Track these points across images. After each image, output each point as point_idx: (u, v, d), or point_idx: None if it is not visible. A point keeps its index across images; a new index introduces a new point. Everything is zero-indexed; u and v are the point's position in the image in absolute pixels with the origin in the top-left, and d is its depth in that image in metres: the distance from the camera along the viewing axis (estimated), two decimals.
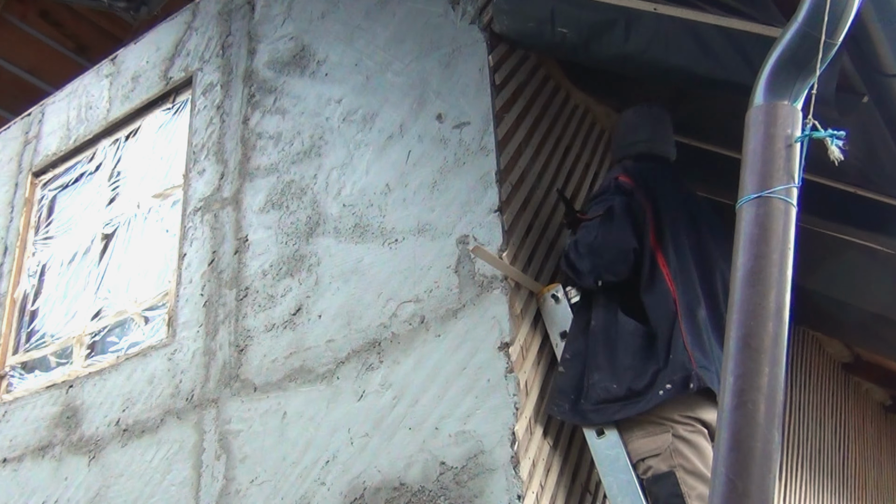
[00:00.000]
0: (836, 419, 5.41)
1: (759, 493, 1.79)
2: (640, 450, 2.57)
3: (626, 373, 2.59)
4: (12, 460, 4.13)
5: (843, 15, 1.95)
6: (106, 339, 4.22)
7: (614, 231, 2.73)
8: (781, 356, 1.87)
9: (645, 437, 2.57)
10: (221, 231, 3.80)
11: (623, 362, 2.62)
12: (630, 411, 2.56)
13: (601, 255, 2.71)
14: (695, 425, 2.56)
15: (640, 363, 2.60)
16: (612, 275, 2.71)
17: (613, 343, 2.66)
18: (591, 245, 2.72)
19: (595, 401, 2.61)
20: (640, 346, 2.64)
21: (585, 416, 2.62)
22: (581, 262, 2.74)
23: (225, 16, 4.36)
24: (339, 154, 3.47)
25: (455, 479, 2.63)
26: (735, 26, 2.56)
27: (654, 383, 2.55)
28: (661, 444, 2.54)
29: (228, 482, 3.24)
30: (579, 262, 2.75)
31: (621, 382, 2.59)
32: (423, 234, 3.05)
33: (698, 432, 2.56)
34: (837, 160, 1.96)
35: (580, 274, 2.76)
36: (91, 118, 4.88)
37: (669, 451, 2.52)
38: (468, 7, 3.26)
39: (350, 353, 3.09)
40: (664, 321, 2.64)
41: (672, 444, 2.53)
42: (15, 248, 4.90)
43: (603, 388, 2.60)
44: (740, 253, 1.95)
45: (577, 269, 2.76)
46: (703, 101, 3.38)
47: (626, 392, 2.57)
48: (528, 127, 3.21)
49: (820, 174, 3.06)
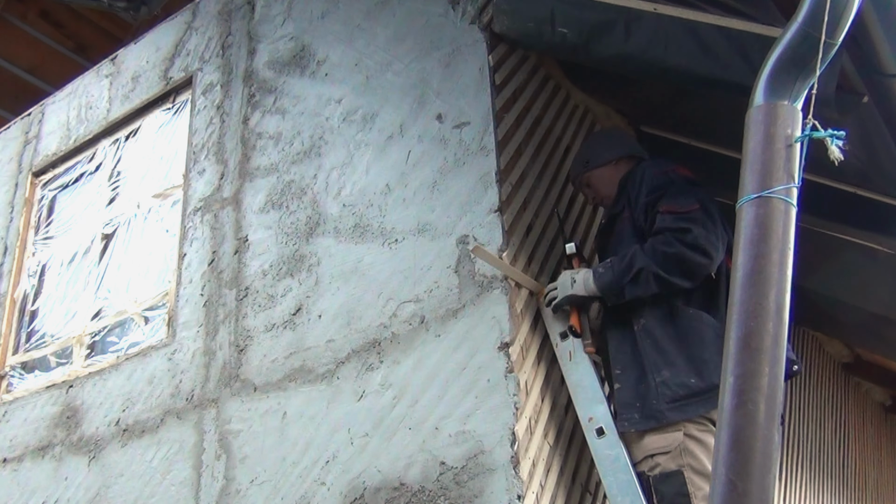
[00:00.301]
0: (836, 419, 5.41)
1: (759, 493, 1.79)
2: (649, 446, 2.55)
3: (705, 366, 2.52)
4: (12, 460, 4.13)
5: (843, 15, 1.95)
6: (106, 339, 4.22)
7: (718, 225, 2.64)
8: (781, 356, 1.87)
9: (655, 434, 2.54)
10: (221, 231, 3.80)
11: (701, 356, 2.54)
12: (713, 405, 2.44)
13: (718, 248, 2.59)
14: (707, 425, 2.54)
15: (719, 356, 2.48)
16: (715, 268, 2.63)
17: (684, 338, 2.59)
18: (708, 238, 2.57)
19: (671, 398, 2.53)
20: (713, 337, 2.56)
21: (664, 415, 2.52)
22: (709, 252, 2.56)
23: (225, 16, 4.36)
24: (339, 154, 3.47)
25: (455, 479, 2.63)
26: (735, 26, 2.56)
27: None
28: (672, 441, 2.52)
29: (228, 482, 3.25)
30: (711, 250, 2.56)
31: (702, 376, 2.51)
32: (423, 234, 3.05)
33: (710, 432, 2.53)
34: (837, 160, 1.96)
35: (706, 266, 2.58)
36: (91, 118, 4.88)
37: (679, 450, 2.51)
38: (468, 7, 3.26)
39: (350, 353, 3.09)
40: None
41: (683, 443, 2.51)
42: (15, 248, 4.90)
43: (680, 384, 2.53)
44: (740, 253, 1.95)
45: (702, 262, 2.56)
46: (703, 100, 3.38)
47: (708, 385, 2.49)
48: (528, 127, 3.21)
49: (820, 174, 3.06)
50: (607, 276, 2.67)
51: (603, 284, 2.67)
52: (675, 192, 2.72)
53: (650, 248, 2.62)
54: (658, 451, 2.53)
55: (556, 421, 2.77)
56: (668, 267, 2.58)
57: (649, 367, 2.60)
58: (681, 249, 2.57)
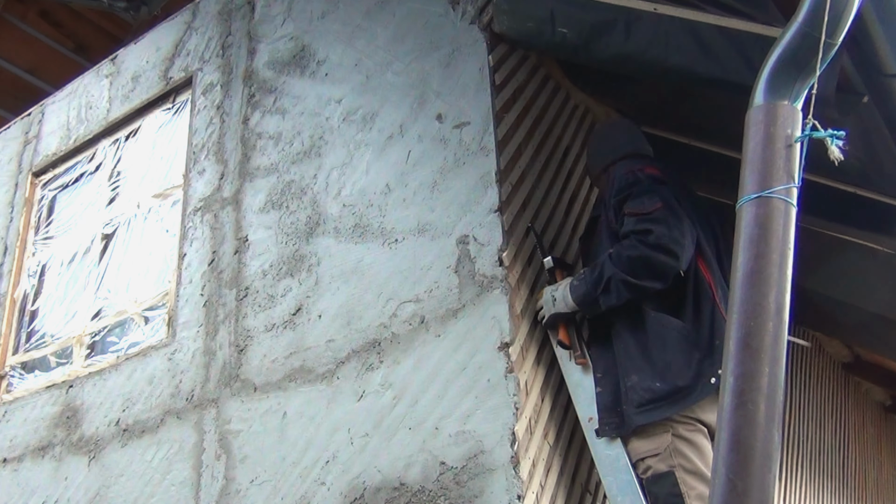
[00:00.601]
0: (836, 419, 5.41)
1: (759, 493, 1.79)
2: (639, 449, 2.56)
3: (668, 369, 2.53)
4: (12, 460, 4.13)
5: (843, 15, 1.95)
6: (106, 339, 4.22)
7: (684, 221, 2.63)
8: (781, 356, 1.87)
9: (644, 437, 2.55)
10: (221, 231, 3.80)
11: (663, 359, 2.55)
12: (680, 407, 2.51)
13: (683, 246, 2.57)
14: (695, 424, 2.55)
15: (682, 357, 2.54)
16: (685, 266, 2.61)
17: (649, 341, 2.60)
18: (672, 236, 2.54)
19: (638, 402, 2.54)
20: (676, 339, 2.57)
21: (632, 419, 2.53)
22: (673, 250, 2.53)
23: (225, 16, 4.36)
24: (339, 154, 3.47)
25: (455, 479, 2.63)
26: (735, 26, 2.56)
27: (701, 373, 2.51)
28: (661, 443, 2.53)
29: (228, 482, 3.25)
30: (675, 248, 2.54)
31: (665, 379, 2.52)
32: (423, 234, 3.05)
33: (698, 431, 2.55)
34: (837, 160, 1.96)
35: (672, 265, 2.55)
36: (91, 118, 4.88)
37: (669, 451, 2.51)
38: (468, 7, 3.26)
39: (350, 353, 3.09)
40: (704, 310, 2.60)
41: (672, 444, 2.52)
42: (15, 248, 4.90)
43: (646, 389, 2.54)
44: (740, 253, 1.95)
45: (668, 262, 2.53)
46: (703, 100, 3.38)
47: (671, 388, 2.51)
48: (528, 127, 3.21)
49: (820, 174, 3.06)
50: (581, 288, 2.68)
51: (578, 297, 2.68)
52: (639, 192, 2.71)
53: (616, 254, 2.62)
54: (648, 454, 2.54)
55: (556, 421, 2.77)
56: (635, 271, 2.57)
57: (621, 372, 2.62)
58: (644, 251, 2.56)
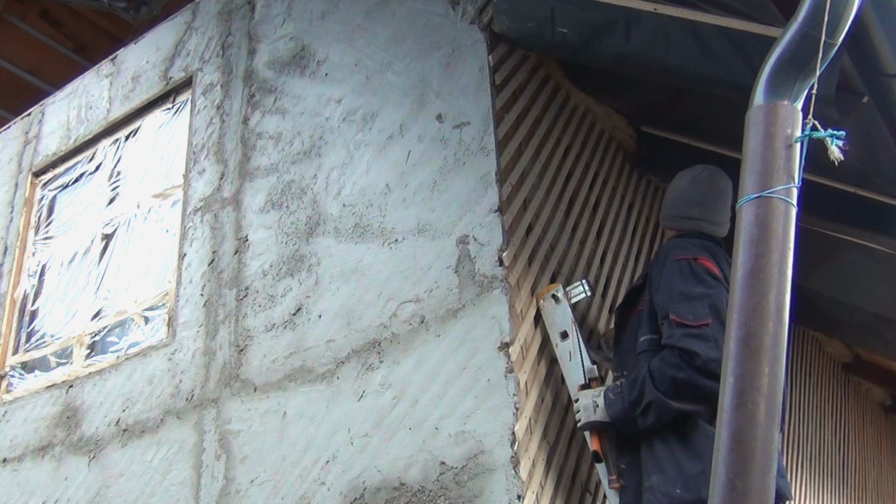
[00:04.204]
0: (836, 419, 5.41)
1: (759, 493, 1.79)
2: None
3: (695, 480, 2.36)
4: (12, 460, 4.13)
5: (843, 15, 1.95)
6: (106, 339, 4.22)
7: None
8: (781, 356, 1.87)
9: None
10: (221, 231, 3.80)
11: (693, 468, 2.39)
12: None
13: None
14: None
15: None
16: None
17: (679, 446, 2.45)
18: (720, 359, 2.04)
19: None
20: (708, 450, 2.22)
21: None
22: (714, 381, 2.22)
23: (225, 16, 4.36)
24: (339, 154, 3.47)
25: (455, 479, 2.63)
26: (735, 26, 2.56)
27: None
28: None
29: (228, 482, 3.25)
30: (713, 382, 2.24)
31: (689, 489, 2.36)
32: (423, 234, 3.05)
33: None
34: (837, 160, 1.96)
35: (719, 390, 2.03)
36: (91, 118, 4.88)
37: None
38: (468, 7, 3.26)
39: (350, 353, 3.09)
40: None
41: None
42: (15, 248, 4.90)
43: (664, 494, 2.39)
44: (740, 253, 1.95)
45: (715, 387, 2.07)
46: (703, 100, 3.38)
47: (694, 499, 2.34)
48: (528, 127, 3.21)
49: (820, 174, 3.06)
50: (617, 405, 2.53)
51: (614, 414, 2.54)
52: (688, 293, 2.51)
53: (658, 372, 2.45)
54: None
55: (556, 421, 2.77)
56: (680, 394, 2.42)
57: (644, 469, 2.50)
58: (690, 375, 2.40)
